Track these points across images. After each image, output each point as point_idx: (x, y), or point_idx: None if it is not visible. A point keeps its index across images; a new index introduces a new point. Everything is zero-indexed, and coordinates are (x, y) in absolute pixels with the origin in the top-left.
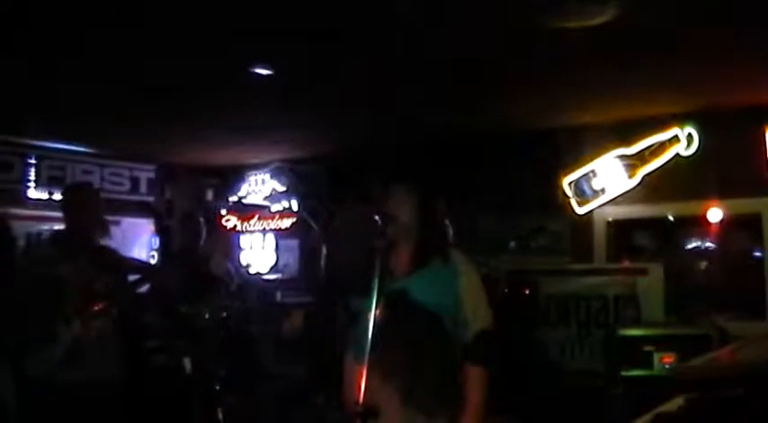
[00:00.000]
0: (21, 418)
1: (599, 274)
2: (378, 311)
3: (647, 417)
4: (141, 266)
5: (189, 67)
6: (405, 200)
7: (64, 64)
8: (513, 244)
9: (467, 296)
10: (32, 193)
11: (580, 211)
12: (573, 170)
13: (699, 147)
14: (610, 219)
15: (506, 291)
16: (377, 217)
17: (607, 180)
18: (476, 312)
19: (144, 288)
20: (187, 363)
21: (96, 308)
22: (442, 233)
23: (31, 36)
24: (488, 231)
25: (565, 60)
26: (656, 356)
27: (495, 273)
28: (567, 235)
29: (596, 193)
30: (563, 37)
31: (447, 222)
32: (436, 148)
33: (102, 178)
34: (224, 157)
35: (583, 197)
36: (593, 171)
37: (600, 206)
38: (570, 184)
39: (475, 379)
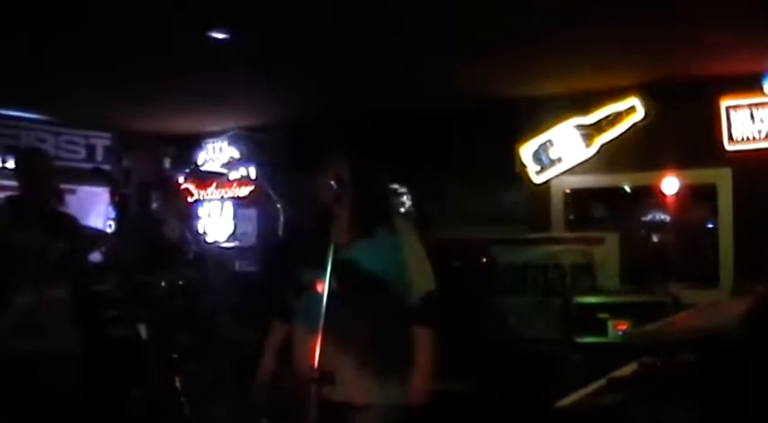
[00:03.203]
0: None
1: (556, 243)
2: (328, 281)
3: (602, 381)
4: (97, 235)
5: (145, 31)
6: (342, 169)
7: (18, 30)
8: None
9: (410, 261)
10: None
11: (537, 180)
12: (530, 139)
13: (655, 117)
14: (567, 189)
15: (464, 259)
16: (333, 183)
17: (564, 149)
18: (419, 276)
19: (100, 257)
20: (142, 330)
21: (50, 275)
22: (383, 202)
23: None
24: (449, 201)
25: (522, 29)
26: (610, 323)
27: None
28: (525, 204)
29: (553, 163)
30: (520, 5)
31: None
32: (393, 119)
33: (57, 146)
34: (181, 124)
35: (540, 166)
36: (550, 140)
37: (557, 176)
38: (527, 153)
39: (422, 340)
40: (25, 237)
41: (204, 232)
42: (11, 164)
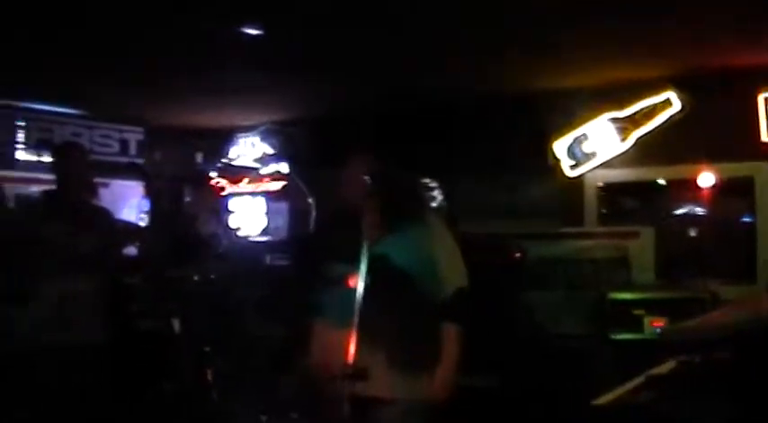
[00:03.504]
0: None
1: (589, 237)
2: (357, 277)
3: (639, 379)
4: (130, 228)
5: (179, 27)
6: (373, 163)
7: (53, 26)
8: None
9: (441, 257)
10: (21, 155)
11: (570, 174)
12: (564, 133)
13: (691, 110)
14: (600, 182)
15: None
16: (363, 178)
17: (599, 143)
18: (451, 272)
19: (133, 250)
20: (176, 324)
21: (82, 268)
22: (413, 197)
23: (25, 2)
24: (480, 195)
25: (552, 18)
26: (646, 320)
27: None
28: (557, 198)
29: (588, 157)
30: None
31: (425, 186)
32: (424, 112)
33: (91, 140)
34: (214, 119)
35: (574, 160)
36: (584, 134)
37: (591, 170)
38: (561, 147)
39: (451, 336)
40: (59, 230)
41: (236, 226)
42: (46, 158)
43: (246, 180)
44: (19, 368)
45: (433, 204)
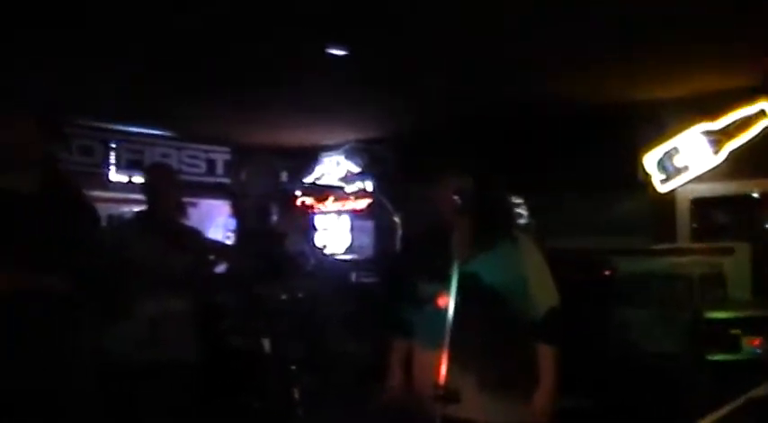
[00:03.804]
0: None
1: (682, 253)
2: (447, 296)
3: (739, 402)
4: (219, 247)
5: (264, 48)
6: (463, 180)
7: (140, 48)
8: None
9: (533, 276)
10: (113, 175)
11: (662, 189)
12: (654, 147)
13: None
14: (693, 197)
15: (583, 271)
16: (454, 196)
17: (691, 157)
18: (543, 291)
19: (221, 268)
20: (266, 343)
21: (174, 288)
22: (504, 214)
23: (113, 24)
24: (568, 210)
25: (640, 28)
26: (743, 340)
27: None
28: (647, 213)
29: (679, 171)
30: (643, 10)
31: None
32: (513, 127)
33: (180, 161)
34: (299, 138)
35: (665, 175)
36: (675, 148)
37: (683, 184)
38: (651, 161)
39: (546, 358)
40: (151, 250)
41: (322, 244)
42: (136, 178)
43: (332, 198)
44: (112, 386)
45: (521, 221)
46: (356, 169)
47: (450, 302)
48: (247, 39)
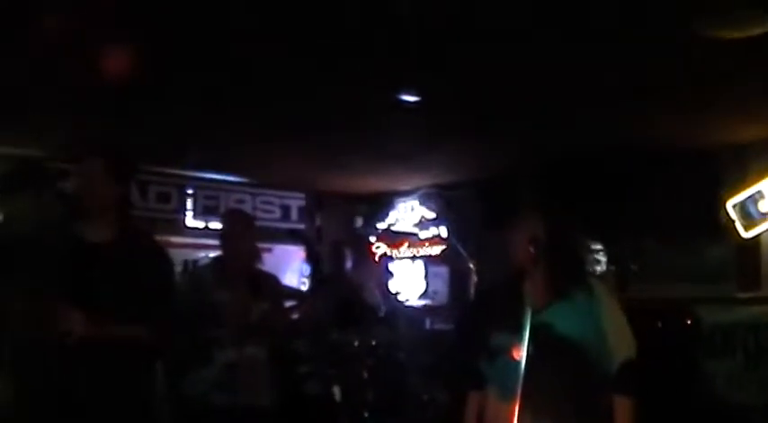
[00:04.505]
0: None
1: None
2: (522, 347)
3: None
4: (295, 294)
5: (337, 95)
6: (538, 227)
7: (216, 96)
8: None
9: (610, 326)
10: (189, 221)
11: (746, 235)
12: (737, 191)
13: None
14: None
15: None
16: (528, 244)
17: None
18: (620, 342)
19: (296, 315)
20: (337, 391)
21: (251, 334)
22: (579, 263)
23: (189, 72)
24: (649, 257)
25: (725, 73)
26: None
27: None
28: (731, 260)
29: (764, 216)
30: (723, 48)
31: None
32: (587, 172)
33: (254, 207)
34: (373, 183)
35: (749, 220)
36: (759, 191)
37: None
38: (734, 206)
39: (622, 410)
40: (230, 297)
41: (396, 291)
42: (212, 224)
43: (406, 244)
44: None
45: (599, 268)
46: (431, 215)
47: (521, 352)
48: (321, 86)
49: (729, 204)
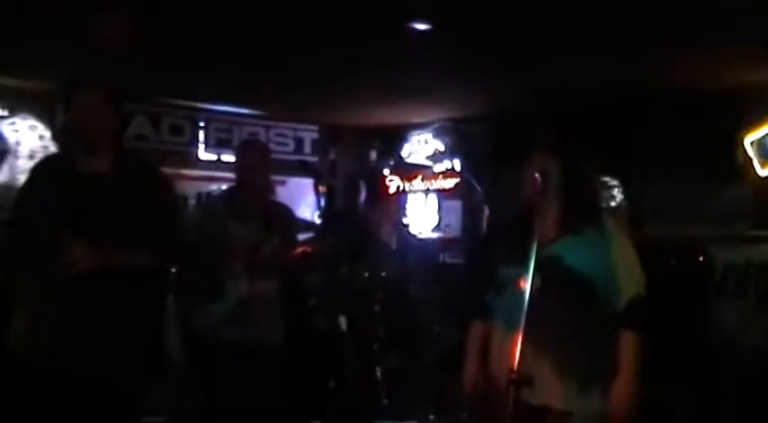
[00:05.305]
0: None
1: None
2: (530, 278)
3: None
4: (308, 226)
5: (349, 26)
6: (550, 160)
7: (232, 29)
8: None
9: (620, 262)
10: (202, 154)
11: (763, 173)
12: (756, 128)
13: None
14: None
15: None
16: (537, 178)
17: None
18: (629, 278)
19: (309, 248)
20: (342, 322)
21: (264, 267)
22: (592, 198)
23: (202, 2)
24: (662, 196)
25: (741, 8)
26: None
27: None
28: (747, 199)
29: None
30: None
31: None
32: (604, 108)
33: (268, 139)
34: (387, 116)
35: (766, 158)
36: None
37: None
38: (752, 143)
39: (629, 345)
40: (243, 229)
41: (408, 224)
42: (225, 157)
43: (420, 177)
44: (198, 361)
45: (612, 204)
46: (444, 148)
47: (528, 285)
48: (333, 17)
49: (747, 141)
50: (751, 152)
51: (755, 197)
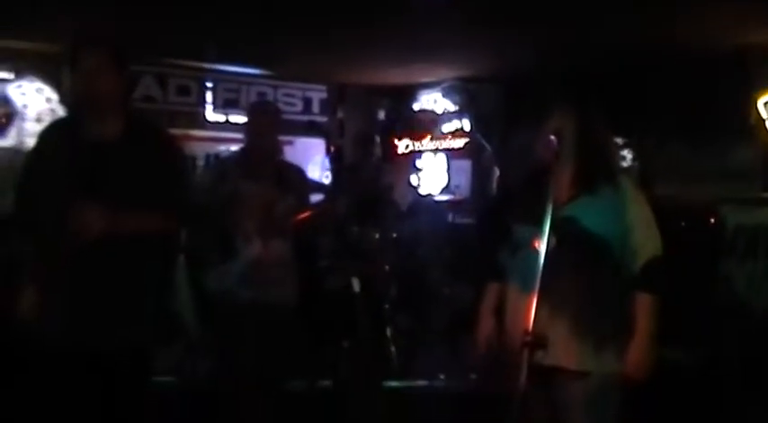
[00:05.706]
0: (196, 332)
1: None
2: (545, 239)
3: None
4: (319, 187)
5: None
6: (565, 121)
7: None
8: None
9: (637, 223)
10: (210, 115)
11: None
12: None
13: None
14: None
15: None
16: (552, 138)
17: None
18: (646, 239)
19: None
20: (355, 283)
21: (276, 228)
22: (607, 158)
23: None
24: (674, 156)
25: None
26: None
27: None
28: (759, 160)
29: None
30: None
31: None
32: (615, 69)
33: (276, 99)
34: (396, 76)
35: None
36: None
37: None
38: (766, 103)
39: (644, 307)
40: (255, 189)
41: (418, 184)
42: (233, 117)
43: (429, 137)
44: (214, 324)
45: (624, 164)
46: (454, 108)
47: (542, 245)
48: None
49: (761, 102)
50: (764, 113)
51: (767, 158)
